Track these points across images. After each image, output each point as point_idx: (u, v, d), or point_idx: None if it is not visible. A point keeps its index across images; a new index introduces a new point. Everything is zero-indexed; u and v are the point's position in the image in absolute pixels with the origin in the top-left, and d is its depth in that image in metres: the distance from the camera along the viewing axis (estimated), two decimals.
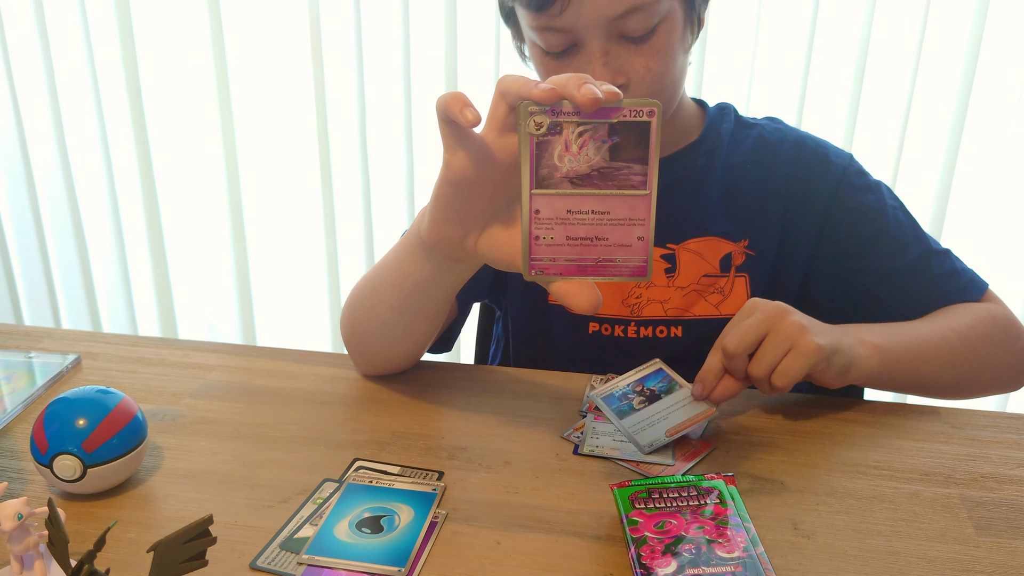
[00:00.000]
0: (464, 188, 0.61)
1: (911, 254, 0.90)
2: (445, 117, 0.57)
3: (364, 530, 0.62)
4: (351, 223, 1.91)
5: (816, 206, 0.92)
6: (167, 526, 0.63)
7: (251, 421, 0.78)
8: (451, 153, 0.60)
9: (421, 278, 0.74)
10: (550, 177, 0.54)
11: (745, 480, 0.69)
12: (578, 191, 0.55)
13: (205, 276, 2.04)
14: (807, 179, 0.93)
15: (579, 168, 0.54)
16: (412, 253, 0.73)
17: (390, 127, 1.81)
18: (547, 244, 0.56)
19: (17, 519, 0.55)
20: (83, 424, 0.64)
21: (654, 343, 0.93)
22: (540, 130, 0.54)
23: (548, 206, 0.55)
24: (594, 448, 0.73)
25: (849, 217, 0.92)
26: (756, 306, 0.74)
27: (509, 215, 0.63)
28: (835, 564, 0.60)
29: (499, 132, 0.59)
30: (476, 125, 0.56)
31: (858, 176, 0.93)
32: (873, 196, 0.92)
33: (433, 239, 0.66)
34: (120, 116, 1.92)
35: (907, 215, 0.93)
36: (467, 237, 0.65)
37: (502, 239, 0.63)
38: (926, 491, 0.68)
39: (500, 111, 0.58)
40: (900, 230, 0.91)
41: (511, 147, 0.59)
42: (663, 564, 0.55)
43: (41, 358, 0.89)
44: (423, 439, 0.75)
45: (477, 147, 0.59)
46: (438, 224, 0.65)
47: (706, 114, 0.97)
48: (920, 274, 0.90)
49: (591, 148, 0.54)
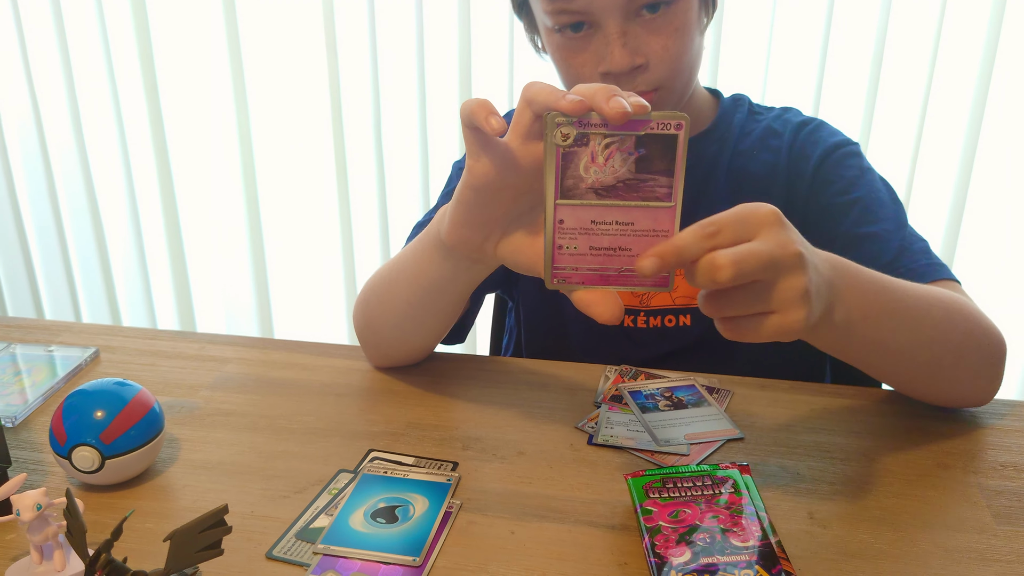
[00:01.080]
0: (486, 193, 0.61)
1: (882, 225, 0.85)
2: (470, 123, 0.57)
3: (379, 520, 0.62)
4: (367, 216, 1.91)
5: (805, 177, 0.91)
6: (184, 516, 0.63)
7: (267, 413, 0.78)
8: (475, 159, 0.60)
9: (438, 277, 0.74)
10: (575, 188, 0.54)
11: (760, 469, 0.69)
12: (603, 202, 0.55)
13: (222, 270, 2.05)
14: (801, 155, 0.92)
15: (604, 179, 0.54)
16: (430, 252, 0.73)
17: (405, 121, 1.81)
18: (570, 253, 0.56)
19: (36, 509, 0.55)
20: (101, 416, 0.64)
21: (664, 332, 0.93)
22: (567, 141, 0.53)
23: (572, 216, 0.55)
24: (608, 438, 0.73)
25: (831, 187, 0.89)
26: (766, 227, 0.56)
27: (530, 220, 0.63)
28: (851, 552, 0.59)
29: (523, 139, 0.58)
30: (501, 134, 0.55)
31: (850, 156, 0.91)
32: (859, 174, 0.90)
33: (453, 241, 0.66)
34: (137, 111, 1.94)
35: (892, 198, 0.89)
36: (487, 240, 0.65)
37: (523, 244, 0.63)
38: (944, 480, 0.68)
39: (525, 119, 0.57)
40: (879, 206, 0.87)
41: (535, 154, 0.58)
42: (677, 553, 0.55)
43: (61, 351, 0.90)
44: (437, 430, 0.75)
45: (501, 153, 0.59)
46: (458, 227, 0.65)
47: (719, 104, 0.97)
48: (889, 242, 0.83)
49: (617, 159, 0.54)
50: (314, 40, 1.79)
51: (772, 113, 0.97)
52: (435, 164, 1.83)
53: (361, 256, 1.95)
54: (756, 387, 0.82)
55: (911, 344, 0.69)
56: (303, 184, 1.93)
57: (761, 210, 0.57)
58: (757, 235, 0.55)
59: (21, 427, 0.77)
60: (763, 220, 0.56)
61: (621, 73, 0.80)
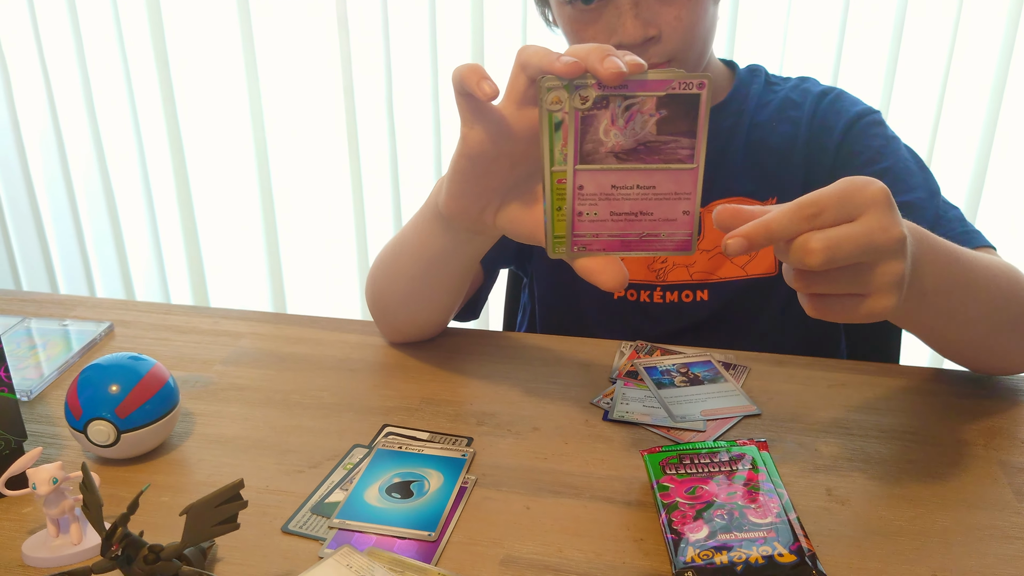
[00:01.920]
0: (482, 162, 0.60)
1: (915, 194, 0.83)
2: (461, 90, 0.56)
3: (394, 495, 0.62)
4: (379, 191, 1.90)
5: (830, 150, 0.89)
6: (200, 490, 0.64)
7: (281, 388, 0.78)
8: (468, 127, 0.58)
9: (440, 249, 0.73)
10: (595, 152, 0.53)
11: (778, 446, 0.68)
12: (624, 166, 0.54)
13: (236, 245, 2.05)
14: (823, 127, 0.90)
15: (625, 143, 0.53)
16: (430, 224, 0.72)
17: (417, 96, 1.80)
18: (591, 220, 0.55)
19: (52, 483, 0.55)
20: (116, 390, 0.64)
21: (680, 308, 0.92)
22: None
23: (592, 181, 0.54)
24: (624, 414, 0.73)
25: (857, 159, 0.88)
26: (873, 208, 0.53)
27: (528, 188, 0.62)
28: (870, 529, 0.59)
29: (518, 105, 0.57)
30: (494, 98, 0.54)
31: (874, 125, 0.90)
32: (885, 143, 0.88)
33: (451, 212, 0.65)
34: (150, 88, 1.93)
35: (920, 165, 0.88)
36: (485, 210, 0.64)
37: (522, 213, 0.62)
38: (964, 457, 0.67)
39: (520, 83, 0.56)
40: (908, 175, 0.86)
41: (530, 120, 0.57)
42: (695, 529, 0.55)
43: (75, 326, 0.90)
44: (452, 405, 0.75)
45: (495, 120, 0.58)
46: (456, 197, 0.64)
47: (735, 75, 0.95)
48: (923, 212, 0.82)
49: (638, 122, 0.52)
50: (326, 16, 1.77)
51: (789, 83, 0.95)
52: (447, 138, 1.82)
53: (373, 231, 1.95)
54: (773, 363, 0.81)
55: (978, 314, 0.68)
56: (315, 159, 1.92)
57: (869, 189, 0.53)
58: (861, 215, 0.52)
59: (36, 401, 0.77)
60: (869, 200, 0.53)
61: (633, 45, 0.78)
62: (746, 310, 0.92)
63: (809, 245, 0.51)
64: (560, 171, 0.54)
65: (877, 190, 0.53)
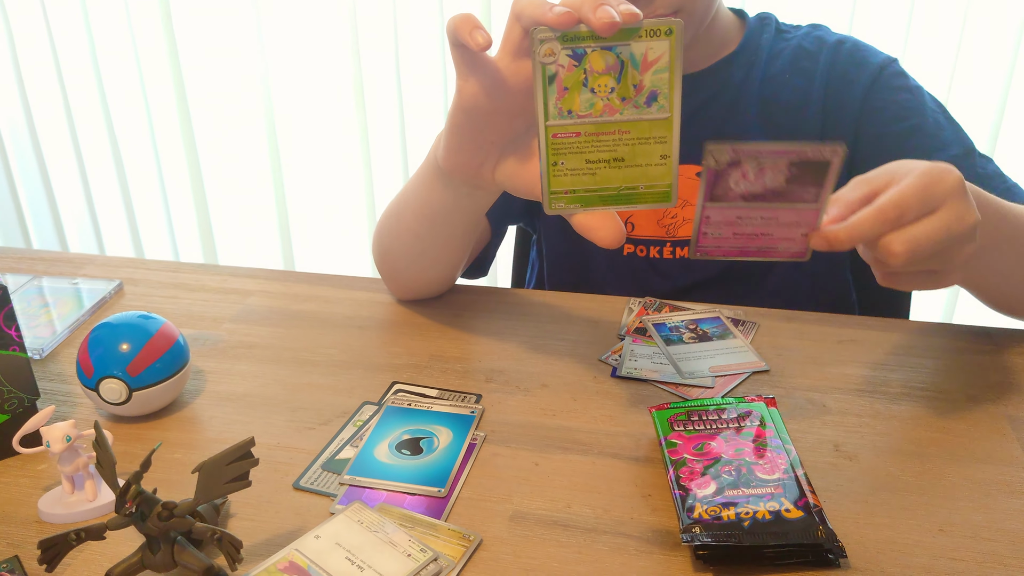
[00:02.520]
0: (478, 116, 0.59)
1: (949, 152, 0.83)
2: (455, 41, 0.54)
3: (404, 452, 0.63)
4: (387, 147, 1.89)
5: (851, 107, 0.88)
6: (211, 447, 0.64)
7: (290, 345, 0.79)
8: (463, 79, 0.57)
9: (441, 205, 0.72)
10: (724, 196, 0.55)
11: (786, 402, 0.68)
12: (750, 204, 0.55)
13: (243, 202, 2.05)
14: (843, 81, 0.88)
15: (754, 190, 0.54)
16: (431, 180, 0.71)
17: (424, 49, 1.78)
18: (713, 237, 0.58)
19: (66, 441, 0.56)
20: (127, 349, 0.65)
21: (689, 263, 0.91)
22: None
23: (719, 215, 0.56)
24: (632, 371, 0.73)
25: (882, 114, 0.87)
26: (950, 199, 0.55)
27: (526, 143, 0.61)
28: (878, 485, 0.59)
29: (513, 56, 0.56)
30: (487, 49, 0.53)
31: (896, 76, 0.88)
32: (911, 96, 0.87)
33: (449, 166, 0.64)
34: (156, 43, 1.91)
35: (949, 119, 0.87)
36: (484, 165, 0.63)
37: (520, 168, 0.61)
38: (973, 412, 0.67)
39: (515, 34, 0.55)
40: (939, 130, 0.86)
41: (525, 72, 0.56)
42: (702, 485, 0.55)
43: (85, 284, 0.91)
44: (460, 362, 0.75)
45: (490, 73, 0.56)
46: (453, 152, 0.63)
47: (745, 25, 0.93)
48: (964, 172, 0.81)
49: (768, 176, 0.53)
50: None
51: (800, 31, 0.93)
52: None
53: (381, 188, 1.94)
54: (782, 319, 0.81)
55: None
56: (322, 114, 1.90)
57: (947, 180, 0.55)
58: (939, 208, 0.55)
59: (48, 359, 0.77)
60: (948, 191, 0.55)
61: None
62: (757, 266, 0.92)
63: (892, 248, 0.54)
64: (555, 125, 0.54)
65: (954, 180, 0.56)
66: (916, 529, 0.55)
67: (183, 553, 0.49)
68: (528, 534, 0.55)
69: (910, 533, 0.55)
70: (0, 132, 2.09)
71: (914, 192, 0.55)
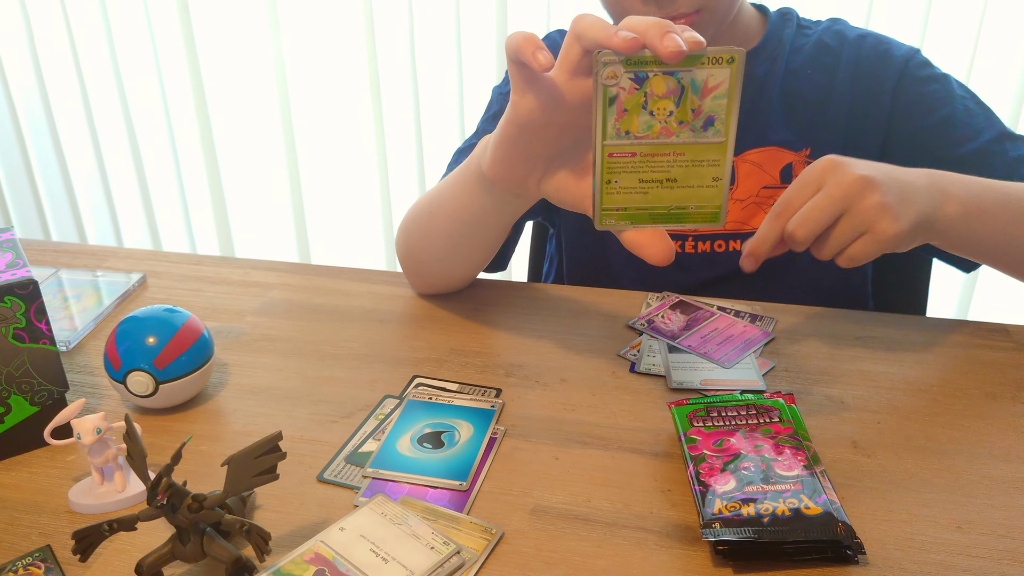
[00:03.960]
0: (530, 129, 0.60)
1: (982, 139, 0.84)
2: (515, 58, 0.55)
3: (426, 445, 0.64)
4: (402, 142, 1.90)
5: (880, 103, 0.88)
6: (237, 440, 0.65)
7: (312, 339, 0.79)
8: (519, 95, 0.58)
9: (480, 210, 0.73)
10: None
11: (805, 399, 0.69)
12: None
13: (261, 194, 2.06)
14: (869, 77, 0.89)
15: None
16: (472, 185, 0.71)
17: (440, 44, 1.78)
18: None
19: (96, 433, 0.57)
20: (153, 342, 0.66)
21: (712, 257, 0.91)
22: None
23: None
24: (651, 366, 0.73)
25: (914, 109, 0.87)
26: (825, 175, 0.64)
27: (575, 156, 0.62)
28: (896, 482, 0.59)
29: (571, 75, 0.56)
30: (548, 70, 0.53)
31: (922, 67, 0.89)
32: (939, 86, 0.87)
33: (495, 176, 0.65)
34: (173, 39, 1.92)
35: (979, 103, 0.87)
36: (530, 176, 0.64)
37: (568, 182, 0.62)
38: (992, 410, 0.67)
39: (573, 54, 0.55)
40: (970, 117, 0.86)
41: (581, 90, 0.57)
42: (722, 481, 0.55)
43: (107, 277, 0.92)
44: (480, 356, 0.76)
45: (546, 90, 0.57)
46: (500, 162, 0.64)
47: (767, 20, 0.93)
48: (995, 157, 0.83)
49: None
50: None
51: (821, 26, 0.93)
52: (470, 88, 1.80)
53: (396, 183, 1.94)
54: (800, 315, 0.81)
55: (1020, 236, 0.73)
56: (339, 108, 1.91)
57: (817, 166, 0.64)
58: (821, 186, 0.63)
59: (74, 351, 0.79)
60: (821, 173, 0.64)
61: None
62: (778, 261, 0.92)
63: (792, 233, 0.63)
64: (612, 145, 0.55)
65: (822, 162, 0.64)
66: (934, 526, 0.56)
67: (212, 544, 0.50)
68: (549, 527, 0.56)
69: (928, 530, 0.55)
70: (21, 125, 2.11)
71: (792, 187, 0.65)
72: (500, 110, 0.95)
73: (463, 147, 0.93)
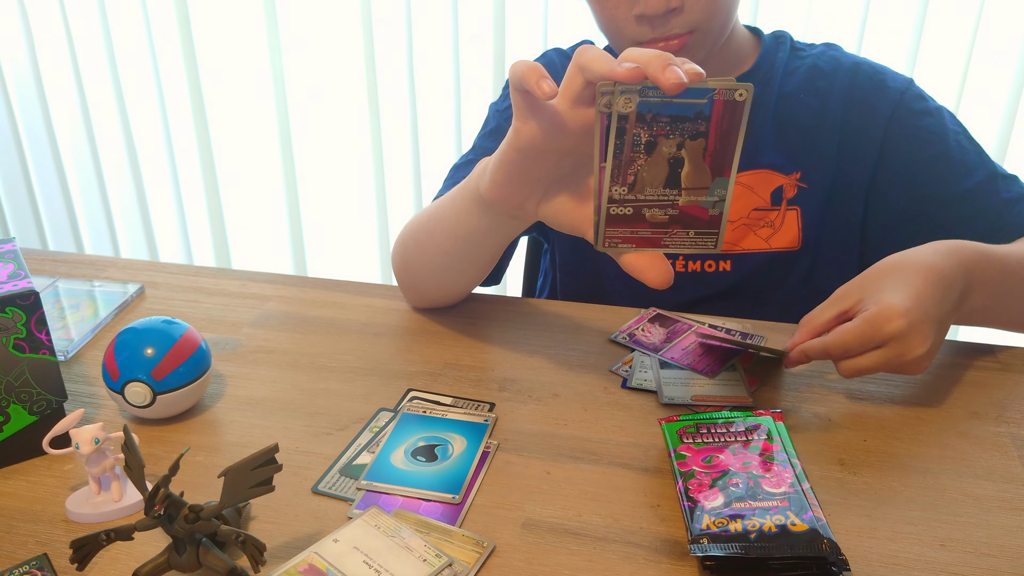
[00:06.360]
0: (531, 155, 0.61)
1: (974, 178, 0.86)
2: (519, 87, 0.57)
3: (419, 458, 0.64)
4: (399, 157, 1.91)
5: (873, 133, 0.90)
6: (232, 450, 0.66)
7: (307, 351, 0.80)
8: (522, 122, 0.59)
9: (476, 229, 0.74)
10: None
11: (792, 416, 0.70)
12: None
13: (257, 206, 2.07)
14: (863, 106, 0.90)
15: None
16: (469, 205, 0.73)
17: (438, 59, 1.79)
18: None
19: (94, 443, 0.58)
20: (151, 353, 0.66)
21: (703, 277, 0.93)
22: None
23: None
24: (642, 382, 0.74)
25: (907, 143, 0.89)
26: (891, 337, 0.66)
27: (574, 181, 0.63)
28: (880, 500, 0.60)
29: (572, 104, 0.58)
30: (551, 98, 0.55)
31: (917, 100, 0.90)
32: (933, 120, 0.89)
33: (492, 198, 0.66)
34: (172, 47, 1.93)
35: (970, 140, 0.89)
36: (528, 199, 0.65)
37: (567, 206, 0.64)
38: (976, 429, 0.68)
39: (576, 84, 0.57)
40: (963, 154, 0.88)
41: (583, 118, 0.58)
42: (710, 497, 0.56)
43: (104, 287, 0.93)
44: (474, 371, 0.77)
45: (549, 117, 0.59)
46: (500, 185, 0.65)
47: (761, 42, 0.95)
48: (985, 198, 0.86)
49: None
50: None
51: (815, 50, 0.95)
52: (468, 104, 1.82)
53: (393, 198, 1.95)
54: (789, 333, 0.82)
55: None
56: (336, 121, 1.92)
57: (887, 328, 0.65)
58: (883, 346, 0.66)
59: (72, 361, 0.79)
60: (890, 335, 0.65)
61: (656, 15, 0.78)
62: (767, 282, 0.93)
63: (840, 371, 0.68)
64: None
65: (896, 328, 0.65)
66: (918, 544, 0.57)
67: (208, 555, 0.51)
68: (540, 541, 0.57)
69: (912, 547, 0.56)
70: (20, 135, 2.12)
71: (855, 337, 0.66)
72: (497, 127, 0.96)
73: (460, 163, 0.94)
